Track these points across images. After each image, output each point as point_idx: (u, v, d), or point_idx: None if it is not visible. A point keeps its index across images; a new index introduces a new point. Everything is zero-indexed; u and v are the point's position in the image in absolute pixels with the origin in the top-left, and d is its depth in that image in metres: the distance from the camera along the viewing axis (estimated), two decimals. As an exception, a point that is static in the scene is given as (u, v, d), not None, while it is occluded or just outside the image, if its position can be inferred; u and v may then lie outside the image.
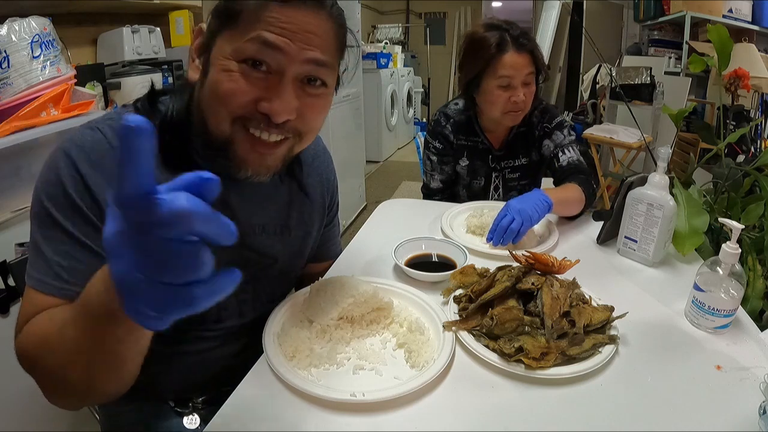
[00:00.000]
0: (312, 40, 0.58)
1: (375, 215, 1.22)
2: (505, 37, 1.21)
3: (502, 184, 1.43)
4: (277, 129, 0.60)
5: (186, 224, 0.30)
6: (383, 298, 0.74)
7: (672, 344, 0.72)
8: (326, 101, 0.65)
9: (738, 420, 0.57)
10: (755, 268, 1.04)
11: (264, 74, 0.58)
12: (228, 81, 0.57)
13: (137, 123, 0.28)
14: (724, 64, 1.39)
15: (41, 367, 0.51)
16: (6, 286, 1.11)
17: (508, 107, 1.24)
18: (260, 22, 0.56)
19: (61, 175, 0.57)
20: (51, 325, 0.51)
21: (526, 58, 1.21)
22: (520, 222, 0.98)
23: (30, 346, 0.53)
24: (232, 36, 0.57)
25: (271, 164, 0.63)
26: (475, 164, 1.40)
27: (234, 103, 0.58)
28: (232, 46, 0.57)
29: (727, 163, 1.35)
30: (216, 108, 0.59)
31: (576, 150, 1.30)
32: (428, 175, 1.46)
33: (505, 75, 1.21)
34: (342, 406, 0.57)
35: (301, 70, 0.59)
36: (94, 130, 0.61)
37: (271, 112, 0.57)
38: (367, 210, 3.25)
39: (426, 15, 6.31)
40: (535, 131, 1.35)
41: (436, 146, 1.40)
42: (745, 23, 3.30)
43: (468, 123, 1.37)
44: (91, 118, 1.37)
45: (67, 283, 0.56)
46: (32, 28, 1.23)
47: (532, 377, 0.62)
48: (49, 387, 0.52)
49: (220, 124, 0.60)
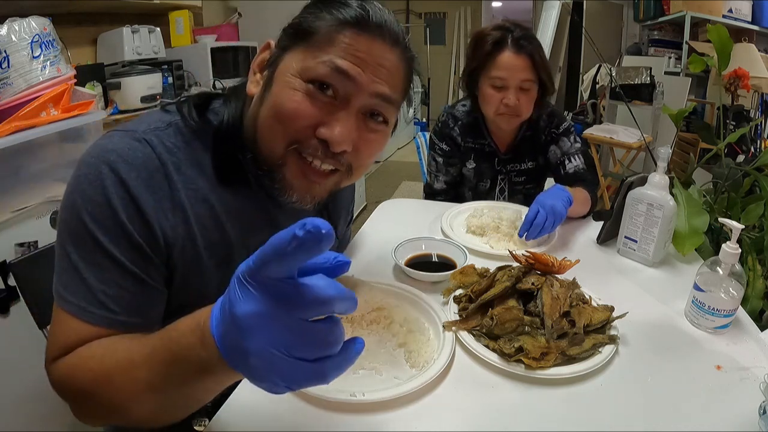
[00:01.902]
0: (383, 74, 0.57)
1: (375, 215, 1.22)
2: (505, 36, 1.19)
3: (508, 187, 1.42)
4: (333, 159, 0.57)
5: (328, 308, 0.33)
6: (383, 298, 0.74)
7: (672, 344, 0.72)
8: (384, 139, 0.62)
9: (738, 420, 0.57)
10: (755, 268, 1.04)
11: (329, 99, 0.56)
12: (291, 100, 0.55)
13: (328, 230, 0.30)
14: (724, 64, 1.39)
15: (100, 401, 0.48)
16: (6, 286, 1.11)
17: (501, 109, 1.22)
18: (334, 46, 0.55)
19: (109, 195, 0.53)
20: (113, 363, 0.48)
21: (524, 61, 1.18)
22: (553, 220, 0.98)
23: (83, 379, 0.49)
24: (303, 54, 0.56)
25: (317, 193, 0.61)
26: (481, 167, 1.40)
27: (293, 123, 0.55)
28: (302, 65, 0.55)
29: (727, 163, 1.35)
30: (273, 125, 0.57)
31: (582, 158, 1.30)
32: (432, 175, 1.44)
33: (497, 75, 1.20)
34: (342, 406, 0.57)
35: (367, 103, 0.57)
36: (142, 143, 0.57)
37: (331, 139, 0.55)
38: (367, 210, 3.25)
39: (426, 15, 6.31)
40: (542, 136, 1.35)
41: (442, 148, 1.39)
42: (745, 23, 3.30)
43: (475, 125, 1.37)
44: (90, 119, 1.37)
45: (114, 313, 0.53)
46: (32, 28, 1.23)
47: (532, 377, 0.62)
48: (99, 416, 0.50)
49: (274, 144, 0.57)
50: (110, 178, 0.53)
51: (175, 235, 0.57)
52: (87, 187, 0.53)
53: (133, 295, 0.55)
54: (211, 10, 2.67)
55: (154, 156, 0.57)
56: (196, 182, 0.60)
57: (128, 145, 0.56)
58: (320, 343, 0.34)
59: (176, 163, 0.58)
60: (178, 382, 0.42)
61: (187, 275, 0.60)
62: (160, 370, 0.43)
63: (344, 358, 0.35)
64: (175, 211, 0.57)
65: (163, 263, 0.58)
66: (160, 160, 0.57)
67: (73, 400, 0.51)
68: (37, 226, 1.19)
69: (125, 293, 0.54)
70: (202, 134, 0.62)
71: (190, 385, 0.42)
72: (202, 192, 0.60)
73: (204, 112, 0.64)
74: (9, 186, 1.17)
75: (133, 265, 0.55)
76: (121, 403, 0.46)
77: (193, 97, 0.65)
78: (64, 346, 0.52)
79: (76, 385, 0.50)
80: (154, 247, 0.56)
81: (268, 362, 0.33)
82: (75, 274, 0.53)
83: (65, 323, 0.53)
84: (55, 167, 1.31)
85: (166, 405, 0.45)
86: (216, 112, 0.65)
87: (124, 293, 0.54)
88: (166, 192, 0.57)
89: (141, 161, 0.55)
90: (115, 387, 0.46)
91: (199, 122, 0.62)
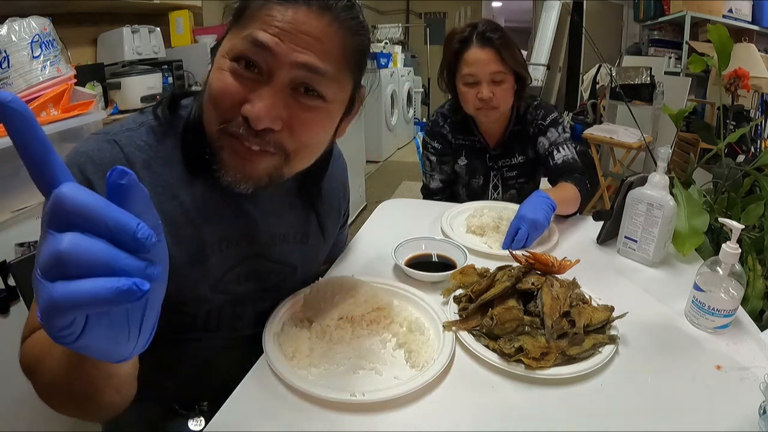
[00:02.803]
0: (308, 42, 0.52)
1: (375, 215, 1.22)
2: (471, 33, 1.20)
3: (501, 182, 1.43)
4: (257, 138, 0.54)
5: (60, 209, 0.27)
6: (383, 298, 0.74)
7: (672, 344, 0.72)
8: (324, 117, 0.58)
9: (738, 420, 0.57)
10: (755, 268, 1.04)
11: (255, 75, 0.53)
12: (218, 80, 0.54)
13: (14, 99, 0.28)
14: (724, 64, 1.39)
15: (37, 384, 0.51)
16: (6, 286, 1.11)
17: (477, 104, 1.24)
18: (257, 20, 0.53)
19: None
20: (41, 349, 0.50)
21: (490, 54, 1.19)
22: (535, 234, 0.99)
23: (27, 362, 0.53)
24: (233, 34, 0.55)
25: (250, 173, 0.57)
26: (473, 163, 1.41)
27: (221, 103, 0.54)
28: (229, 44, 0.55)
29: (727, 163, 1.35)
30: (208, 109, 0.56)
31: (571, 148, 1.29)
32: (428, 175, 1.46)
33: (467, 72, 1.21)
34: (342, 406, 0.57)
35: (291, 75, 0.53)
36: (111, 144, 0.58)
37: (250, 115, 0.52)
38: (367, 210, 3.25)
39: (426, 15, 6.31)
40: (530, 129, 1.34)
41: (435, 146, 1.41)
42: (745, 23, 3.30)
43: (464, 122, 1.38)
44: (90, 119, 1.37)
45: None
46: (32, 28, 1.24)
47: (532, 377, 0.62)
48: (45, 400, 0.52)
49: (210, 126, 0.57)
50: (78, 178, 0.55)
51: None
52: None
53: None
54: (211, 10, 2.67)
55: (121, 155, 0.58)
56: (166, 179, 0.61)
57: (98, 147, 0.58)
58: (48, 252, 0.27)
59: (146, 161, 0.60)
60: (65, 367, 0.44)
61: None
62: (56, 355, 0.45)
63: (74, 285, 0.27)
64: None
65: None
66: (128, 159, 0.58)
67: (29, 379, 0.52)
68: (37, 226, 1.18)
69: None
70: (174, 131, 0.63)
71: (75, 373, 0.43)
72: (172, 189, 0.61)
73: (176, 110, 0.65)
74: (9, 186, 1.17)
75: None
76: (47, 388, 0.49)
77: (167, 96, 0.66)
78: (29, 332, 0.55)
79: (25, 368, 0.53)
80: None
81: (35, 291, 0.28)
82: None
83: (33, 309, 0.57)
84: (55, 167, 1.31)
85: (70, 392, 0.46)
86: (186, 108, 0.65)
87: None
88: None
89: (108, 161, 0.57)
90: (39, 371, 0.49)
91: (170, 118, 0.63)
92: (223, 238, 0.66)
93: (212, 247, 0.64)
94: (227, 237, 0.66)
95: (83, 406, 0.48)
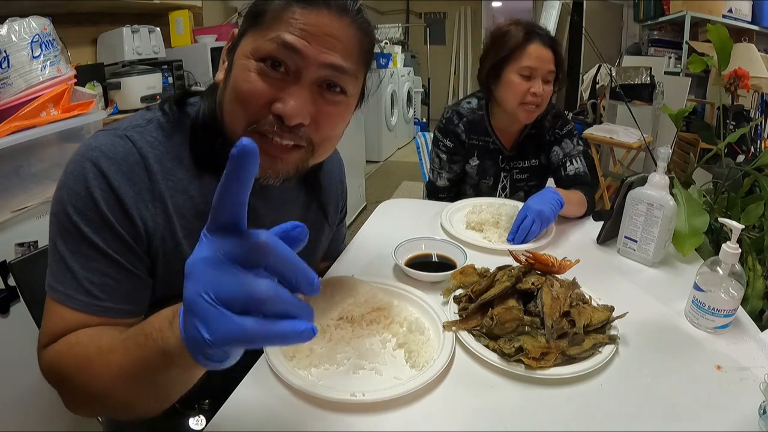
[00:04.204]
0: (332, 44, 0.57)
1: (375, 215, 1.22)
2: (533, 29, 1.24)
3: (510, 184, 1.43)
4: (290, 133, 0.58)
5: (261, 256, 0.33)
6: (383, 298, 0.74)
7: (672, 344, 0.72)
8: (345, 110, 0.63)
9: (738, 420, 0.57)
10: (755, 268, 1.04)
11: (282, 75, 0.57)
12: (245, 80, 0.56)
13: (251, 146, 0.31)
14: (724, 64, 1.39)
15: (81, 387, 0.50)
16: (6, 286, 1.11)
17: (527, 98, 1.24)
18: (282, 22, 0.56)
19: (91, 188, 0.56)
20: (95, 349, 0.50)
21: (550, 54, 1.23)
22: (540, 224, 1.02)
23: (67, 366, 0.51)
24: (255, 36, 0.57)
25: (281, 169, 0.61)
26: (485, 164, 1.41)
27: (250, 103, 0.57)
28: (253, 45, 0.57)
29: (727, 163, 1.35)
30: (234, 108, 0.59)
31: (583, 161, 1.33)
32: (435, 172, 1.45)
33: (528, 65, 1.23)
34: (342, 406, 0.57)
35: (319, 74, 0.57)
36: (123, 139, 0.59)
37: (284, 113, 0.56)
38: (367, 210, 3.25)
39: (426, 15, 6.31)
40: (546, 135, 1.37)
41: (446, 144, 1.40)
42: (745, 23, 3.30)
43: (480, 122, 1.38)
44: (90, 119, 1.37)
45: (98, 300, 0.56)
46: (32, 28, 1.23)
47: (532, 377, 0.62)
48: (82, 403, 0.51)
49: (236, 126, 0.59)
50: (92, 172, 0.56)
51: (155, 224, 0.60)
52: (72, 182, 0.57)
53: (117, 283, 0.57)
54: (211, 10, 2.67)
55: (134, 150, 0.59)
56: (176, 174, 0.62)
57: (110, 141, 0.59)
58: (246, 291, 0.32)
59: (157, 156, 0.61)
60: (145, 366, 0.43)
61: (168, 265, 0.62)
62: (132, 353, 0.44)
63: (270, 326, 0.32)
64: (155, 201, 0.60)
65: (144, 252, 0.60)
66: (140, 153, 0.59)
67: (58, 386, 0.53)
68: (37, 226, 1.19)
69: (110, 281, 0.57)
70: (182, 128, 0.65)
71: (157, 372, 0.43)
72: (182, 183, 0.63)
73: (184, 107, 0.66)
74: (9, 186, 1.17)
75: (117, 254, 0.57)
76: (98, 389, 0.48)
77: (174, 94, 0.68)
78: (52, 334, 0.55)
79: (61, 372, 0.52)
80: (135, 237, 0.58)
81: (193, 307, 0.32)
82: (62, 264, 0.56)
83: (53, 311, 0.56)
84: (55, 167, 1.31)
85: (138, 393, 0.46)
86: (194, 106, 0.67)
87: (108, 281, 0.56)
88: (146, 184, 0.59)
89: (122, 155, 0.58)
90: (94, 372, 0.48)
91: (178, 115, 0.65)
92: None
93: None
94: None
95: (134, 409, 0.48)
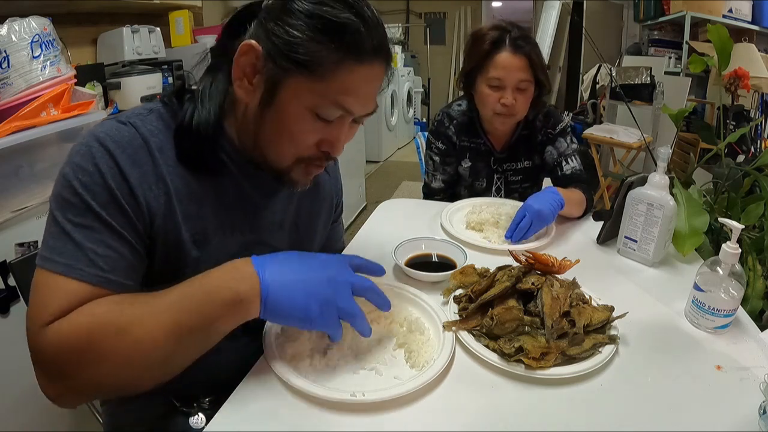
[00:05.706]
0: (375, 94, 0.65)
1: (375, 215, 1.22)
2: (503, 36, 1.19)
3: (504, 186, 1.42)
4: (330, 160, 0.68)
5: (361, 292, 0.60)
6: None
7: (672, 344, 0.72)
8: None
9: (738, 420, 0.57)
10: (755, 268, 1.04)
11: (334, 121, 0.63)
12: (303, 131, 0.62)
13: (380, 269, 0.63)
14: (724, 64, 1.39)
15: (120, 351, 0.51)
16: (6, 286, 1.11)
17: (498, 109, 1.22)
18: (342, 82, 0.59)
19: (99, 164, 0.57)
20: (134, 313, 0.53)
21: (521, 61, 1.18)
22: (539, 224, 1.01)
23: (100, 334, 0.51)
24: (309, 87, 0.59)
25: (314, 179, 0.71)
26: (477, 166, 1.40)
27: (304, 145, 0.63)
28: (311, 102, 0.60)
29: (727, 163, 1.35)
30: (282, 144, 0.64)
31: (578, 159, 1.31)
32: (430, 175, 1.45)
33: (495, 75, 1.20)
34: (342, 406, 0.57)
35: (360, 119, 0.66)
36: (127, 125, 0.61)
37: (333, 153, 0.65)
38: (367, 210, 3.25)
39: (426, 15, 6.30)
40: (538, 135, 1.34)
41: (438, 147, 1.40)
42: (745, 23, 3.30)
43: (470, 124, 1.37)
44: (91, 119, 1.37)
45: (103, 271, 0.55)
46: (32, 28, 1.23)
47: (532, 377, 0.62)
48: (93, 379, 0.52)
49: (282, 157, 0.65)
50: (100, 151, 0.58)
51: (157, 205, 0.61)
52: (79, 160, 0.58)
53: (120, 256, 0.58)
54: (211, 10, 2.67)
55: (137, 135, 0.61)
56: (176, 161, 0.64)
57: (115, 127, 0.61)
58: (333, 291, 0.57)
59: (157, 143, 0.63)
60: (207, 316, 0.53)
61: (166, 246, 0.63)
62: (191, 308, 0.53)
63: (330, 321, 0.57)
64: (158, 183, 0.61)
65: (146, 233, 0.61)
66: (143, 138, 0.61)
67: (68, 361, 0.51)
68: (37, 226, 1.19)
69: (113, 253, 0.57)
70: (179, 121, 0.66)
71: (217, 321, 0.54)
72: (181, 169, 0.64)
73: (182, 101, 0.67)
74: (9, 186, 1.17)
75: (121, 228, 0.58)
76: (134, 352, 0.51)
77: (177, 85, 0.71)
78: (57, 309, 0.53)
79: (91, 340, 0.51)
80: (138, 215, 0.60)
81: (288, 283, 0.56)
82: (64, 236, 0.55)
83: (52, 285, 0.54)
84: (55, 167, 1.31)
85: (181, 349, 0.54)
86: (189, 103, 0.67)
87: (112, 253, 0.57)
88: (150, 167, 0.61)
89: (127, 139, 0.60)
90: (135, 337, 0.51)
91: (178, 107, 0.66)
92: (224, 220, 0.69)
93: (214, 229, 0.68)
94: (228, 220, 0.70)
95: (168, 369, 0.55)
